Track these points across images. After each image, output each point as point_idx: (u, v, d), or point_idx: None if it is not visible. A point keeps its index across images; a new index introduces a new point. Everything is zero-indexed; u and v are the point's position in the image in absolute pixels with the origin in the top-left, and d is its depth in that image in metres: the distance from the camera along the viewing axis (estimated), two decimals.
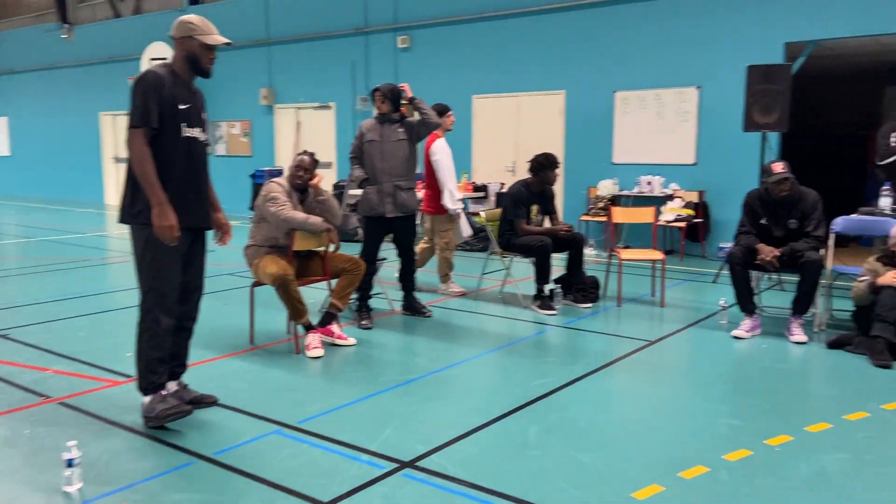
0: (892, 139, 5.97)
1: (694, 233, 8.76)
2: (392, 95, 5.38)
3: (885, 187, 5.67)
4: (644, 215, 6.59)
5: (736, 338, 5.04)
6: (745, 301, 5.13)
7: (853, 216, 5.47)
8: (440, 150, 6.25)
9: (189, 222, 3.38)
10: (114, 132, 16.44)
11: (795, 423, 3.49)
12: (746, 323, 5.12)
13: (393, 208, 5.40)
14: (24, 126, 18.70)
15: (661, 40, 9.07)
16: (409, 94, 5.45)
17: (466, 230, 6.49)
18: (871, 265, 4.72)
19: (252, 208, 12.42)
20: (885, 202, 5.53)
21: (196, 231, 3.49)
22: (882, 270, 4.60)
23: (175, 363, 3.57)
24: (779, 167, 4.96)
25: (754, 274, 5.26)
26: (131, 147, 3.22)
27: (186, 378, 3.70)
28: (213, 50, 3.42)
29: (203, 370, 4.27)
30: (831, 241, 5.31)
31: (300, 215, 4.65)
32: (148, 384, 3.38)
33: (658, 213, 7.65)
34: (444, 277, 6.66)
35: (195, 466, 3.01)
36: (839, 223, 5.41)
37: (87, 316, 5.66)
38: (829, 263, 5.24)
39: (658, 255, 6.16)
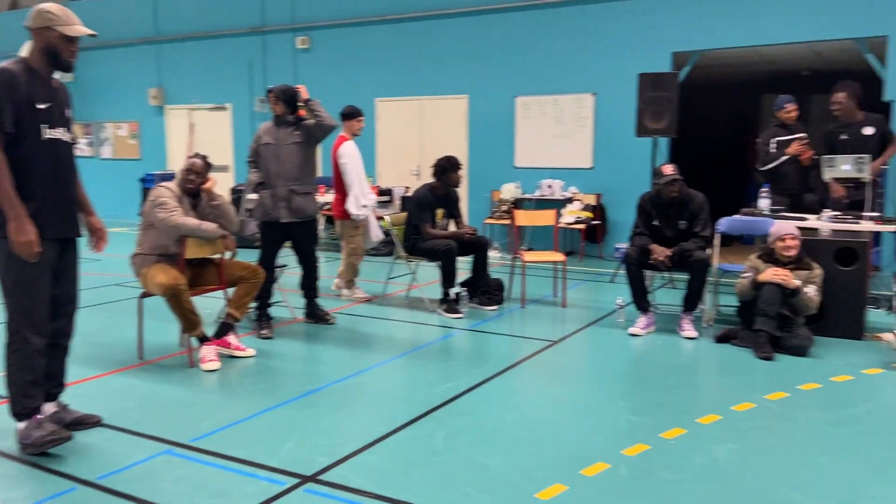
0: (772, 146, 6.36)
1: (592, 234, 9.05)
2: (286, 97, 5.21)
3: (763, 189, 6.04)
4: (545, 218, 6.74)
5: (632, 335, 5.22)
6: (641, 299, 5.32)
7: (736, 217, 5.79)
8: (347, 154, 6.15)
9: (56, 233, 3.12)
10: None
11: (688, 415, 3.63)
12: (642, 320, 5.31)
13: (287, 213, 5.24)
14: None
15: (558, 47, 9.32)
16: (305, 95, 5.31)
17: (377, 234, 6.41)
18: (752, 262, 5.00)
19: (141, 214, 11.83)
20: (763, 203, 5.89)
21: (65, 241, 3.23)
22: (762, 267, 4.88)
23: (51, 384, 3.30)
24: (669, 169, 5.18)
25: (648, 273, 5.46)
26: None
27: (67, 398, 3.44)
28: (75, 42, 3.14)
29: (86, 388, 3.98)
30: (717, 241, 5.60)
31: (192, 221, 4.43)
32: (21, 409, 3.11)
33: (559, 215, 7.84)
34: (349, 283, 6.55)
35: (77, 493, 2.78)
36: (724, 223, 5.71)
37: None
38: (716, 262, 5.52)
39: (559, 256, 6.29)
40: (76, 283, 3.34)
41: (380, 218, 6.61)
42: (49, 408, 3.31)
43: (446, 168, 6.01)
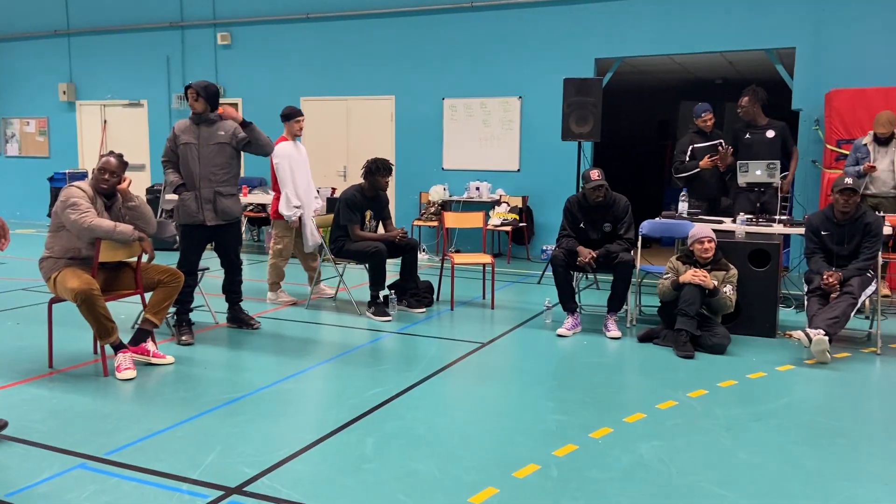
0: (689, 153, 6.61)
1: (519, 236, 9.16)
2: (207, 93, 5.01)
3: (683, 193, 6.26)
4: (474, 220, 6.77)
5: (560, 336, 5.30)
6: (568, 300, 5.41)
7: (657, 220, 5.97)
8: (280, 154, 6.08)
9: None
10: None
11: (615, 414, 3.71)
12: (569, 321, 5.39)
13: (213, 216, 5.05)
14: None
15: (485, 50, 9.40)
16: (240, 117, 5.13)
17: (314, 238, 6.27)
18: (673, 264, 5.17)
19: (50, 215, 11.22)
20: (683, 207, 6.10)
21: None
22: (682, 269, 5.05)
23: None
24: (595, 174, 5.29)
25: (574, 274, 5.56)
26: None
27: None
28: None
29: None
30: (639, 243, 5.76)
31: (106, 223, 4.20)
32: None
33: (487, 218, 7.89)
34: (273, 286, 6.39)
35: None
36: (646, 226, 5.88)
37: None
38: (638, 263, 5.67)
39: (488, 258, 6.33)
40: None
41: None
42: None
43: (374, 170, 5.95)
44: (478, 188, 9.31)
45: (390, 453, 3.19)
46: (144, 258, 4.51)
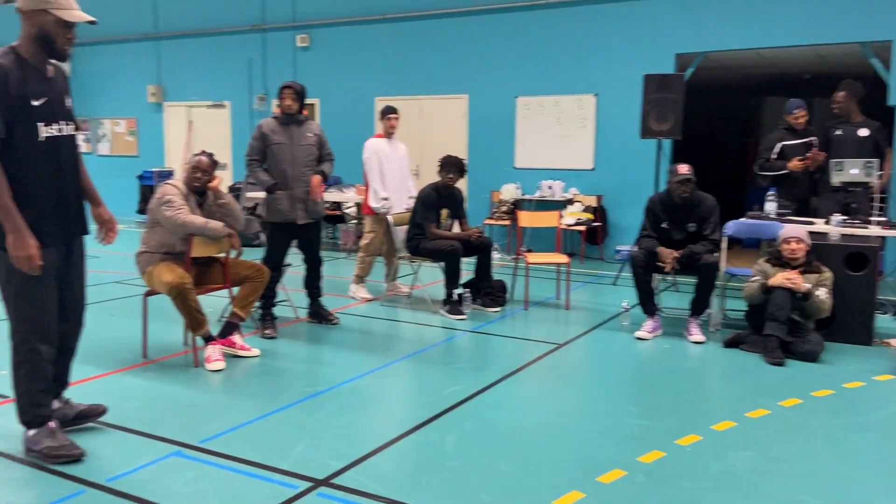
0: (777, 149, 6.34)
1: (593, 236, 9.02)
2: (303, 94, 5.16)
3: (770, 193, 6.01)
4: (548, 219, 6.70)
5: (639, 339, 5.18)
6: (647, 303, 5.29)
7: (743, 220, 5.76)
8: (369, 149, 6.29)
9: (59, 238, 2.98)
10: None
11: (702, 422, 3.60)
12: (648, 324, 5.27)
13: (304, 215, 5.19)
14: None
15: (560, 48, 9.29)
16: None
17: (398, 236, 6.37)
18: (760, 266, 4.98)
19: (140, 212, 11.73)
20: (770, 207, 5.86)
21: (70, 241, 3.08)
22: (771, 272, 4.86)
23: (55, 384, 3.20)
24: (683, 169, 5.15)
25: (654, 276, 5.43)
26: None
27: (73, 398, 3.36)
28: (72, 28, 2.86)
29: (91, 388, 3.92)
30: (724, 245, 5.57)
31: (199, 219, 4.36)
32: (32, 418, 3.01)
33: (560, 217, 7.79)
34: (357, 279, 6.50)
35: (86, 496, 2.72)
36: (731, 227, 5.68)
37: None
38: (723, 266, 5.49)
39: (563, 258, 6.26)
40: (83, 284, 3.22)
41: None
42: (53, 404, 3.22)
43: (441, 166, 6.00)
44: (550, 187, 9.21)
45: (472, 452, 3.20)
46: (233, 254, 4.66)
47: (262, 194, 5.32)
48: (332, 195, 9.27)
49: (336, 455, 3.13)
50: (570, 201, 9.02)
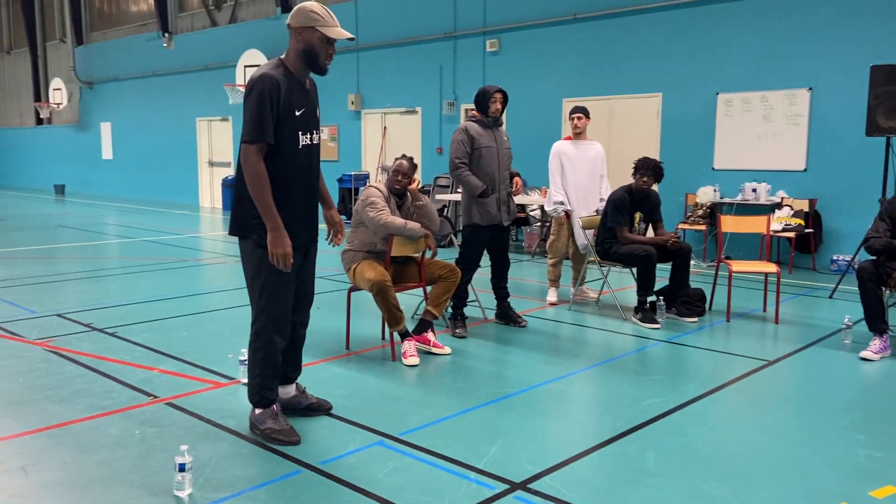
0: None
1: (803, 243, 8.22)
2: (507, 101, 5.29)
3: None
4: (756, 224, 6.19)
5: (864, 359, 4.62)
6: (876, 319, 4.70)
7: None
8: (553, 151, 6.31)
9: (304, 239, 3.26)
10: (209, 137, 17.05)
11: None
12: (876, 343, 4.69)
13: (507, 217, 5.31)
14: (125, 131, 19.68)
15: (768, 39, 8.58)
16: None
17: (580, 238, 6.28)
18: None
19: (338, 212, 12.58)
20: None
21: (312, 242, 3.37)
22: None
23: (290, 368, 3.50)
24: None
25: (884, 290, 4.81)
26: (246, 165, 2.96)
27: (307, 387, 3.68)
28: (334, 44, 3.09)
29: (302, 376, 4.22)
30: None
31: (399, 220, 4.56)
32: (261, 398, 3.30)
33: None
34: (550, 283, 6.47)
35: (302, 476, 2.94)
36: None
37: (188, 316, 5.77)
38: None
39: (772, 267, 5.75)
40: (313, 278, 3.49)
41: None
42: (290, 390, 3.52)
43: (635, 168, 5.75)
44: (754, 189, 8.52)
45: (675, 470, 3.02)
46: (428, 254, 4.82)
47: (451, 196, 5.44)
48: (517, 198, 9.31)
49: (532, 459, 3.11)
50: (779, 205, 8.29)
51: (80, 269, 8.00)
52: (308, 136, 3.16)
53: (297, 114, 3.08)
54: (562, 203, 6.19)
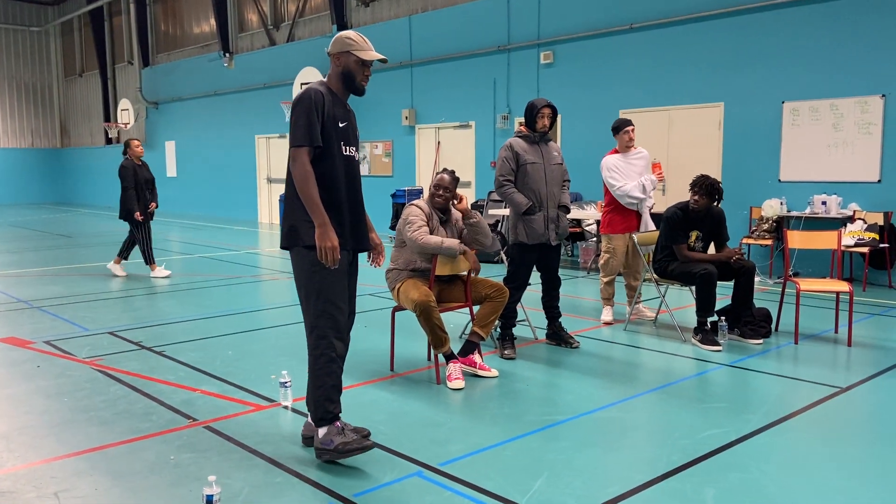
0: None
1: (879, 259, 7.71)
2: (556, 116, 5.11)
3: None
4: (826, 240, 5.80)
5: None
6: None
7: None
8: (606, 167, 6.06)
9: (348, 244, 3.27)
10: (268, 154, 17.37)
11: None
12: None
13: (556, 236, 5.11)
14: (188, 149, 20.27)
15: (837, 45, 8.14)
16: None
17: (650, 224, 6.04)
18: None
19: (392, 228, 12.57)
20: None
21: (353, 252, 3.36)
22: None
23: None
24: None
25: None
26: (295, 166, 3.12)
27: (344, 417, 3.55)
28: (369, 66, 3.32)
29: (343, 398, 4.12)
30: None
31: (434, 239, 4.43)
32: (325, 413, 3.21)
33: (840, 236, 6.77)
34: (604, 301, 6.23)
35: None
36: None
37: (237, 334, 5.77)
38: None
39: (844, 285, 5.37)
40: (355, 297, 3.45)
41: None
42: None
43: (694, 185, 5.45)
44: (824, 202, 8.06)
45: None
46: (472, 272, 4.67)
47: (505, 212, 5.28)
48: (572, 212, 9.08)
49: (578, 496, 2.90)
50: (851, 219, 7.80)
51: (138, 286, 8.17)
52: (349, 148, 3.31)
53: (341, 126, 3.26)
54: (647, 182, 5.95)
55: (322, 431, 3.21)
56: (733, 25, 8.97)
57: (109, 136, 23.18)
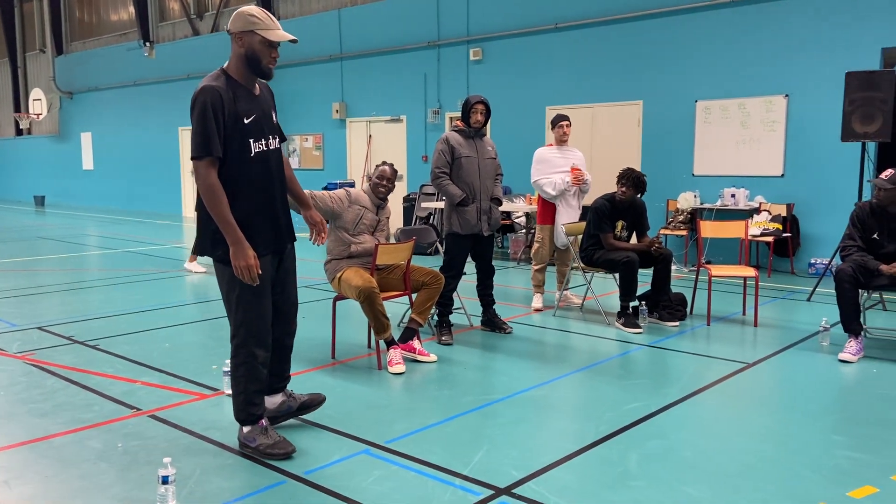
0: None
1: (781, 248, 8.34)
2: (489, 112, 5.34)
3: None
4: (734, 229, 6.29)
5: (842, 361, 4.70)
6: (852, 321, 4.78)
7: None
8: (535, 159, 6.41)
9: (272, 248, 3.16)
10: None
11: None
12: (852, 345, 4.77)
13: (488, 227, 5.33)
14: (106, 141, 19.54)
15: (745, 48, 8.72)
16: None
17: (561, 237, 6.31)
18: None
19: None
20: None
21: (282, 250, 3.29)
22: None
23: (277, 380, 3.45)
24: (887, 173, 4.63)
25: (861, 293, 4.90)
26: (198, 179, 2.92)
27: (293, 389, 3.67)
28: (276, 48, 3.02)
29: (290, 385, 4.22)
30: None
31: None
32: (247, 416, 3.24)
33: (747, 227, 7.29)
34: (534, 288, 6.51)
35: (287, 486, 2.94)
36: None
37: (172, 327, 5.75)
38: None
39: (750, 271, 5.84)
40: (295, 286, 3.43)
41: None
42: (276, 399, 3.47)
43: (621, 177, 5.82)
44: (733, 195, 8.64)
45: (657, 473, 3.06)
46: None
47: (437, 204, 5.48)
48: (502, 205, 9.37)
49: (516, 464, 3.14)
50: (757, 210, 8.40)
51: (61, 280, 7.94)
52: (262, 142, 3.08)
53: (247, 122, 3.02)
54: (559, 181, 6.21)
55: (245, 429, 3.23)
56: (652, 27, 9.46)
57: (20, 126, 22.07)
